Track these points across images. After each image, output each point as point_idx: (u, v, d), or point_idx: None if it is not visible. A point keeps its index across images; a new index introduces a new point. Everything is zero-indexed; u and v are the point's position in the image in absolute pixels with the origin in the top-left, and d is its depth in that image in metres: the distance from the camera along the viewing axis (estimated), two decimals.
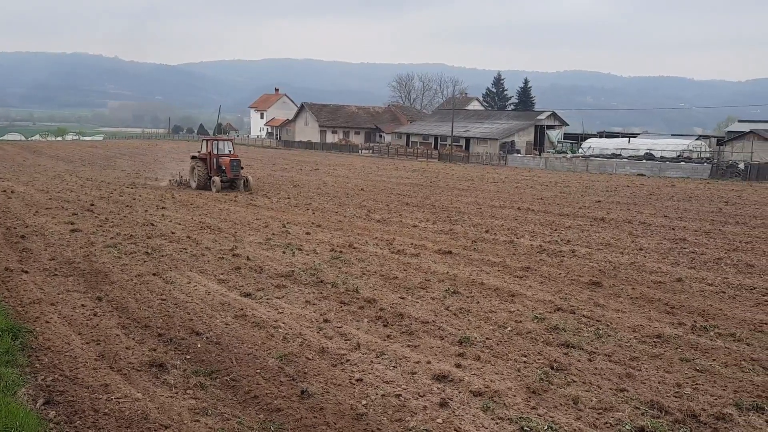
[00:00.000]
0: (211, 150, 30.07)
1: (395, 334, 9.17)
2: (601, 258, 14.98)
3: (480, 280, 12.40)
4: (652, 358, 8.35)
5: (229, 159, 29.84)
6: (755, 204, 28.07)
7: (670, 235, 18.56)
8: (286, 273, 12.70)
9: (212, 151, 30.06)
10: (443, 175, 43.24)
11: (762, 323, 9.95)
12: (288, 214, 21.73)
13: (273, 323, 9.53)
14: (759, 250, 16.45)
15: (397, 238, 17.16)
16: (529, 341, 8.91)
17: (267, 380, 7.49)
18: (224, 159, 29.90)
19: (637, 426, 6.36)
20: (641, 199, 29.49)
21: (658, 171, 50.21)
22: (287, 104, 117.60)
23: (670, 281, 12.77)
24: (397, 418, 6.55)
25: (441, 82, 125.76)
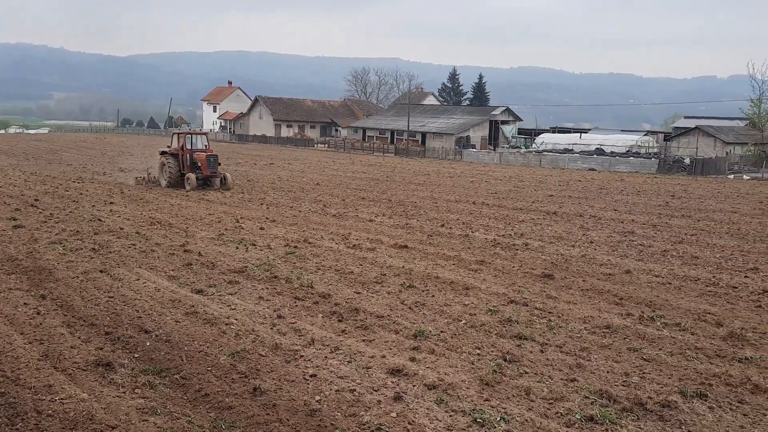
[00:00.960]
0: (184, 145, 27.90)
1: (350, 329, 9.13)
2: (553, 251, 15.23)
3: (435, 274, 12.45)
4: (601, 349, 8.52)
5: (205, 155, 27.56)
6: (700, 198, 29.00)
7: (620, 229, 19.01)
8: (239, 269, 12.51)
9: (185, 146, 27.90)
10: (400, 170, 43.33)
11: (706, 313, 10.26)
12: (242, 209, 21.43)
13: (225, 320, 9.37)
14: (703, 242, 16.98)
15: (353, 233, 17.10)
16: (482, 334, 8.99)
17: (218, 378, 7.35)
18: (199, 155, 27.71)
19: (587, 415, 6.47)
20: (592, 193, 30.14)
21: (609, 166, 51.40)
22: (241, 97, 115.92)
23: (619, 273, 13.06)
24: (352, 413, 6.51)
25: (397, 76, 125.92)
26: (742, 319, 10.00)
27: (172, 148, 28.25)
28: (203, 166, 27.33)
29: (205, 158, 27.32)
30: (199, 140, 28.76)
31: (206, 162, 27.28)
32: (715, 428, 6.29)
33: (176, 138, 28.60)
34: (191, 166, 27.70)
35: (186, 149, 27.84)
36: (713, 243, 16.83)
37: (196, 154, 27.85)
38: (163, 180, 28.19)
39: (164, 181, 28.09)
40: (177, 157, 27.85)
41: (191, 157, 27.82)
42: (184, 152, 27.74)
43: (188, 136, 28.79)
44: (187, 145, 27.97)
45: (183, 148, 27.83)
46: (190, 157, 27.79)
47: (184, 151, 27.77)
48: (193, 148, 28.13)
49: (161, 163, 28.44)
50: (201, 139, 28.98)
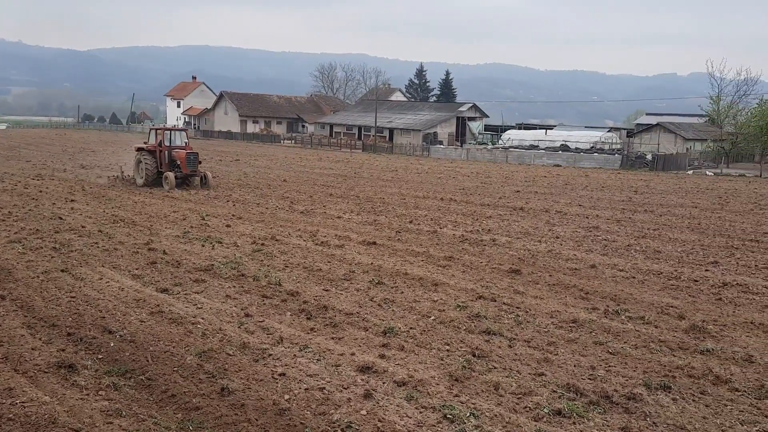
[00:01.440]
0: (162, 141, 26.29)
1: (319, 326, 9.07)
2: (520, 246, 15.38)
3: (404, 271, 12.46)
4: (568, 343, 8.63)
5: (184, 152, 25.90)
6: (662, 193, 29.62)
7: (585, 224, 19.29)
8: (205, 267, 12.33)
9: (163, 142, 26.27)
10: (367, 166, 43.29)
11: (668, 306, 10.48)
12: (207, 206, 21.15)
13: (191, 319, 9.22)
14: (665, 236, 17.34)
15: (321, 230, 17.02)
16: (451, 330, 9.02)
17: (185, 378, 7.24)
18: (179, 152, 26.10)
19: (555, 409, 6.54)
20: (557, 189, 30.54)
21: (573, 162, 52.14)
22: (206, 93, 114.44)
23: (584, 268, 13.25)
24: (321, 411, 6.47)
25: (364, 72, 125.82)
26: (704, 311, 10.23)
27: (149, 145, 26.70)
28: (182, 165, 25.86)
29: (185, 156, 25.79)
30: (178, 137, 27.27)
31: (186, 160, 25.77)
32: (678, 420, 6.42)
33: (154, 134, 27.08)
34: (170, 164, 26.16)
35: (164, 146, 26.29)
36: (675, 237, 17.20)
37: (175, 151, 26.35)
38: (139, 178, 26.62)
39: (140, 179, 26.50)
40: (154, 155, 26.27)
41: (170, 154, 26.26)
42: (163, 149, 26.21)
43: (167, 132, 27.19)
44: (166, 141, 26.47)
45: (161, 144, 26.30)
46: (168, 155, 26.22)
47: (163, 148, 26.23)
48: (172, 145, 26.63)
49: (137, 161, 26.84)
50: (180, 136, 27.45)
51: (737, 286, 11.94)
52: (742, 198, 28.15)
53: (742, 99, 70.23)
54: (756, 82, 71.66)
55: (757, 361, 8.01)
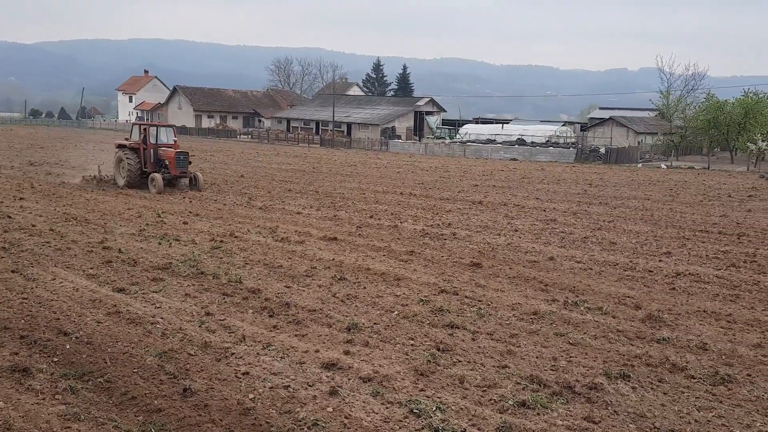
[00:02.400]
0: (147, 138, 24.00)
1: (282, 324, 8.98)
2: (480, 240, 15.52)
3: (366, 266, 12.44)
4: (529, 335, 8.74)
5: (174, 151, 23.74)
6: (615, 186, 30.31)
7: (542, 217, 19.60)
8: (162, 265, 12.08)
9: (148, 139, 24.01)
10: (326, 161, 43.09)
11: (625, 296, 10.72)
12: (163, 203, 20.72)
13: (150, 319, 9.02)
14: (620, 228, 17.75)
15: (281, 226, 16.85)
16: (415, 324, 9.04)
17: (145, 380, 7.07)
18: (167, 151, 23.94)
19: (519, 400, 6.62)
20: (515, 182, 30.96)
21: (530, 155, 52.91)
22: (158, 87, 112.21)
23: (543, 260, 13.46)
24: (287, 410, 6.40)
25: (320, 66, 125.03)
26: (659, 301, 10.50)
27: (132, 142, 24.52)
28: (171, 165, 23.71)
29: (174, 156, 23.60)
30: (164, 133, 24.82)
31: (175, 160, 23.61)
32: (638, 408, 6.57)
33: (137, 130, 24.82)
34: (155, 163, 24.08)
35: (150, 144, 24.04)
36: (629, 229, 17.61)
37: (162, 150, 24.16)
38: (121, 179, 24.39)
39: (122, 180, 24.28)
40: (138, 153, 24.03)
41: (156, 153, 24.11)
42: (148, 147, 24.00)
43: (152, 128, 24.69)
44: (151, 139, 24.14)
45: (145, 142, 24.03)
46: (154, 153, 24.08)
47: (148, 145, 24.01)
48: (159, 142, 24.39)
49: (118, 159, 24.48)
50: (167, 132, 25.03)
51: (689, 276, 12.30)
52: (691, 190, 29.01)
53: (690, 93, 72.38)
54: (703, 77, 73.98)
55: (710, 349, 8.26)
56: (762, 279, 12.10)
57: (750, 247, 15.30)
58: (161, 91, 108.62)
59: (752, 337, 8.78)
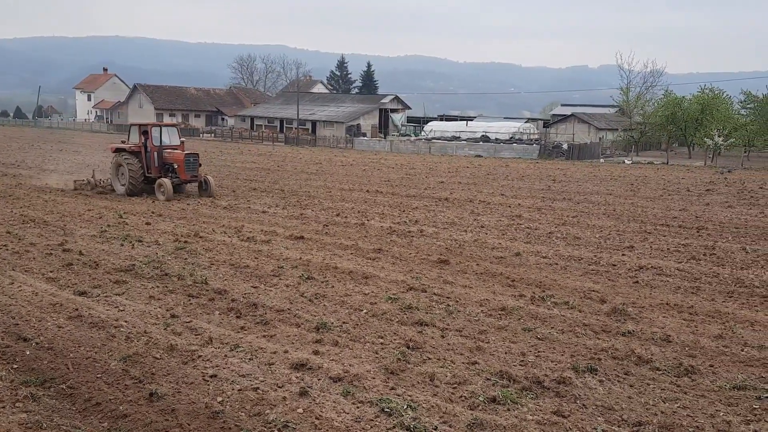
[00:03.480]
0: (149, 140, 22.03)
1: (249, 325, 8.86)
2: (447, 236, 15.58)
3: (334, 264, 12.36)
4: (498, 330, 8.79)
5: (183, 154, 21.77)
6: (578, 181, 30.77)
7: (508, 213, 19.78)
8: (125, 267, 11.81)
9: (151, 141, 22.04)
10: (291, 159, 42.78)
11: (590, 291, 10.87)
12: (124, 204, 20.29)
13: (114, 322, 8.80)
14: (583, 223, 18.01)
15: (246, 225, 16.66)
16: (384, 322, 9.02)
17: (110, 385, 6.89)
18: (174, 154, 22.00)
19: (490, 396, 6.65)
20: (480, 179, 31.19)
21: (494, 152, 53.39)
22: (118, 85, 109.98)
23: (509, 256, 13.57)
24: (256, 412, 6.31)
25: (284, 64, 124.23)
26: (623, 294, 10.68)
27: (132, 145, 22.41)
28: (180, 168, 21.75)
29: (184, 158, 21.68)
30: (168, 134, 22.90)
31: (185, 163, 21.68)
32: (606, 400, 6.66)
33: (136, 131, 22.73)
34: (161, 167, 22.18)
35: (153, 146, 22.06)
36: (592, 224, 17.89)
37: (168, 152, 22.23)
38: (120, 185, 22.50)
39: (121, 186, 22.38)
40: (139, 156, 22.14)
41: (161, 156, 22.15)
42: (152, 150, 22.03)
43: (154, 128, 22.61)
44: (154, 141, 22.14)
45: (150, 144, 22.10)
46: (158, 157, 22.11)
47: (152, 148, 22.04)
48: (164, 144, 22.44)
49: (116, 164, 22.53)
50: (171, 133, 23.08)
51: (652, 269, 12.54)
52: (651, 184, 29.62)
53: (649, 90, 73.97)
54: (661, 74, 75.73)
55: (674, 341, 8.42)
56: (721, 271, 12.41)
57: (709, 240, 15.68)
58: (121, 90, 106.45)
59: (713, 328, 8.98)
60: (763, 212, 20.68)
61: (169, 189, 21.28)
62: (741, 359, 7.84)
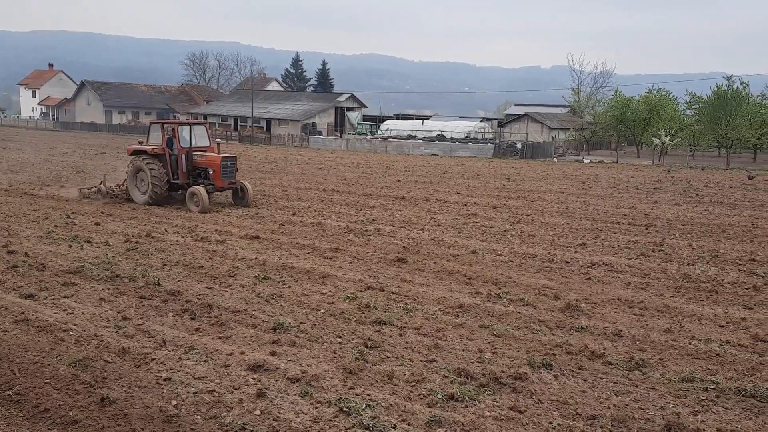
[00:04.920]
0: (176, 140, 19.29)
1: (204, 326, 8.70)
2: (404, 235, 15.62)
3: (290, 264, 12.26)
4: (455, 328, 8.86)
5: (219, 157, 19.16)
6: (532, 180, 31.28)
7: (464, 211, 19.96)
8: (74, 269, 11.46)
9: (177, 143, 19.28)
10: (245, 157, 42.24)
11: (545, 287, 11.05)
12: (72, 204, 19.70)
13: (62, 326, 8.53)
14: (537, 221, 18.31)
15: (200, 225, 16.38)
16: (342, 322, 8.98)
17: (59, 390, 6.67)
18: (209, 157, 19.31)
19: (448, 394, 6.68)
20: (436, 177, 31.39)
21: (450, 151, 53.82)
22: (65, 81, 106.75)
23: (466, 254, 13.69)
24: (212, 415, 6.20)
25: (238, 61, 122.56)
26: (576, 291, 10.89)
27: (153, 146, 19.54)
28: (216, 174, 19.07)
29: (220, 163, 19.06)
30: (196, 133, 20.13)
31: (221, 168, 19.05)
32: (561, 395, 6.77)
33: (158, 130, 19.68)
34: (190, 173, 19.55)
35: (180, 148, 19.35)
36: (546, 222, 18.20)
37: (199, 154, 19.54)
38: (140, 194, 19.67)
39: (142, 195, 19.60)
40: (163, 160, 19.30)
41: (190, 159, 19.46)
42: (179, 152, 19.32)
43: (182, 127, 19.93)
44: (181, 141, 19.44)
45: (172, 145, 19.37)
46: (187, 160, 19.41)
47: (180, 150, 19.32)
48: (192, 145, 19.69)
49: (135, 169, 19.57)
50: (200, 133, 20.29)
51: (603, 266, 12.83)
52: (602, 183, 30.33)
53: (599, 90, 75.75)
54: (611, 74, 77.61)
55: (625, 335, 8.63)
56: (669, 267, 12.78)
57: (657, 236, 16.14)
58: (68, 86, 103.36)
59: (662, 322, 9.24)
60: (708, 210, 21.40)
61: (204, 199, 18.51)
62: (689, 352, 8.08)
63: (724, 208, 21.87)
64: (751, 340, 8.56)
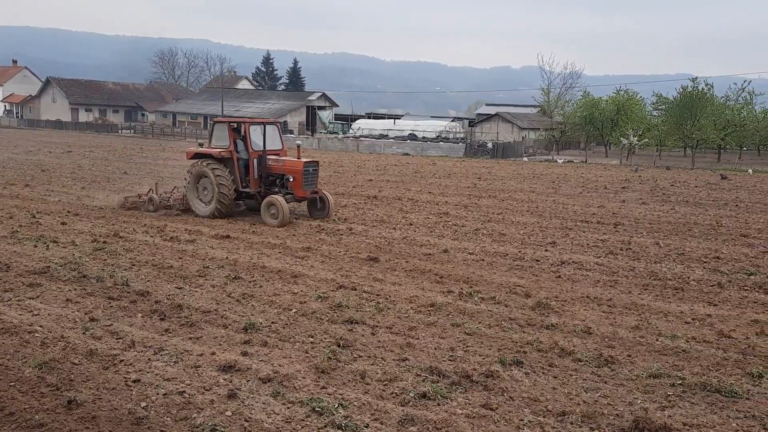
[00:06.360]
0: (249, 143, 16.97)
1: (174, 327, 8.59)
2: (376, 234, 15.63)
3: (261, 264, 12.17)
4: (427, 326, 8.89)
5: (301, 162, 16.89)
6: (503, 179, 31.55)
7: (435, 210, 20.04)
8: (40, 269, 11.22)
9: (249, 145, 16.98)
10: None
11: (515, 286, 11.15)
12: (37, 203, 19.29)
13: (27, 328, 8.35)
14: (508, 220, 18.47)
15: (169, 224, 16.17)
16: (314, 321, 8.95)
17: (24, 393, 6.53)
18: (289, 162, 17.07)
19: (420, 392, 6.71)
20: (408, 177, 31.46)
21: (421, 150, 54.00)
22: (29, 78, 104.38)
23: (437, 253, 13.75)
24: (183, 416, 6.13)
25: (208, 59, 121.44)
26: (546, 289, 11.02)
27: (218, 149, 17.17)
28: (297, 183, 16.77)
29: (302, 169, 16.78)
30: (270, 134, 17.55)
31: (303, 175, 16.76)
32: (532, 392, 6.84)
33: (224, 130, 17.25)
34: (262, 180, 17.22)
35: (252, 151, 16.99)
36: (517, 221, 18.37)
37: (274, 159, 17.26)
38: (202, 205, 17.30)
39: (204, 206, 17.24)
40: (230, 165, 16.98)
41: (262, 164, 17.08)
42: (251, 155, 16.98)
43: (254, 127, 17.35)
44: (254, 145, 17.03)
45: (246, 148, 17.10)
46: (260, 165, 17.07)
47: (252, 154, 17.00)
48: (266, 148, 17.20)
49: (197, 175, 17.18)
50: (273, 133, 17.83)
51: (573, 264, 13.00)
52: (571, 182, 30.72)
53: (569, 91, 76.73)
54: (580, 75, 78.72)
55: (594, 333, 8.76)
56: (637, 265, 13.00)
57: (625, 235, 16.40)
58: (32, 83, 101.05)
59: (630, 320, 9.40)
60: (674, 209, 21.83)
61: (285, 210, 16.24)
62: (656, 349, 8.23)
63: (689, 207, 22.33)
64: (715, 336, 8.75)
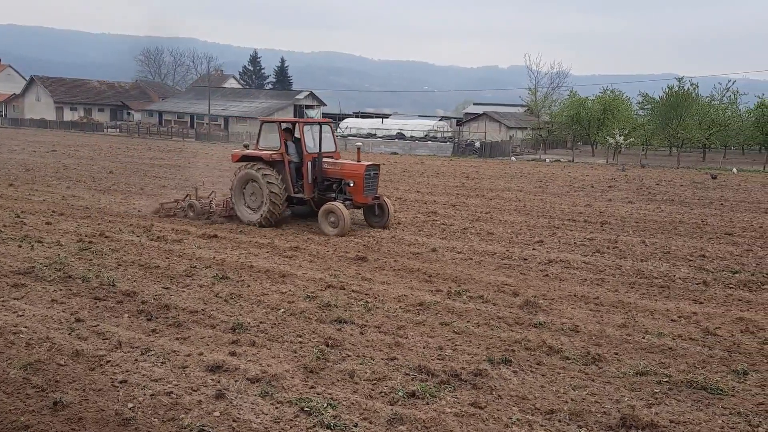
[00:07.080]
0: (303, 145, 15.69)
1: (161, 327, 8.54)
2: (364, 233, 15.61)
3: (249, 263, 12.12)
4: (416, 325, 8.89)
5: (362, 166, 15.59)
6: (490, 178, 31.64)
7: (424, 209, 20.06)
8: (24, 270, 11.10)
9: (304, 147, 15.69)
10: (202, 155, 41.65)
11: (503, 284, 11.19)
12: (21, 202, 19.09)
13: (12, 329, 8.25)
14: (496, 219, 18.53)
15: (156, 224, 16.05)
16: (303, 321, 8.92)
17: (10, 394, 6.46)
18: (348, 166, 15.77)
19: (409, 391, 6.71)
20: (396, 176, 31.47)
21: (409, 149, 54.06)
22: (13, 76, 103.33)
23: (426, 252, 13.76)
24: (170, 417, 6.09)
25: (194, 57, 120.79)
26: (534, 287, 11.06)
27: (269, 152, 16.05)
28: (358, 188, 15.49)
29: (363, 173, 15.51)
30: (324, 134, 16.30)
31: (364, 179, 15.51)
32: (520, 390, 6.86)
33: (275, 130, 16.29)
34: (317, 184, 16.02)
35: (307, 153, 15.73)
36: (504, 219, 18.43)
37: (331, 162, 15.98)
38: (249, 211, 16.17)
39: (252, 213, 16.08)
40: (281, 169, 15.77)
41: (317, 167, 15.89)
42: (305, 158, 15.73)
43: (307, 127, 16.07)
44: (308, 147, 15.78)
45: (302, 151, 15.82)
46: (314, 168, 15.88)
47: (306, 156, 15.72)
48: (321, 150, 16.02)
49: (245, 179, 15.99)
50: (326, 134, 16.49)
51: (560, 263, 13.06)
52: (558, 181, 30.87)
53: (556, 90, 77.03)
54: (566, 75, 79.07)
55: (582, 331, 8.80)
56: (623, 263, 13.09)
57: (612, 234, 16.50)
58: (16, 81, 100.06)
59: (617, 318, 9.46)
60: (660, 207, 22.00)
61: (346, 219, 15.01)
62: (642, 346, 8.29)
63: (675, 206, 22.51)
64: (701, 333, 8.83)
